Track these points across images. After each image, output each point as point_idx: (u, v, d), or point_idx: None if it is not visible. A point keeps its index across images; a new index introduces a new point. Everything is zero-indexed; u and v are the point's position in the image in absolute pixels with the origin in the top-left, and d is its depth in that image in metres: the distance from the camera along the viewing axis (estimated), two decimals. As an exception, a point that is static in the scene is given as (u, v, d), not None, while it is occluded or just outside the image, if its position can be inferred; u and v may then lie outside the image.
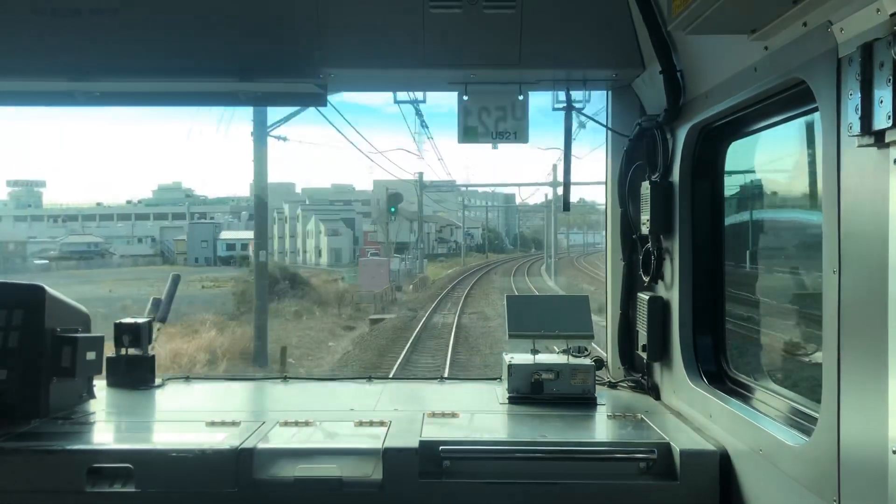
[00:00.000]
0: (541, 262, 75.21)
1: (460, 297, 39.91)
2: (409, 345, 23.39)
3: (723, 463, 3.13)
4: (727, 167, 3.69)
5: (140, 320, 4.56)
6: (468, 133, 4.20)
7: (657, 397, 4.07)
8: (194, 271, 73.20)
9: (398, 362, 20.60)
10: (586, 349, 4.23)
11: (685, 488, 3.15)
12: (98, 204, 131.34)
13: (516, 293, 4.49)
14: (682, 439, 3.29)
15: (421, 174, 62.70)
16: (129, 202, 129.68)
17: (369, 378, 4.66)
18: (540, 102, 4.61)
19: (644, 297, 4.01)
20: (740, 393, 3.40)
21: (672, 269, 3.80)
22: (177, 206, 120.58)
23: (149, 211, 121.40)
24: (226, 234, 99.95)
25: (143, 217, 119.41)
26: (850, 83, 2.09)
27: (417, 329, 27.00)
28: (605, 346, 4.69)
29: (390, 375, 15.37)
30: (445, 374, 4.85)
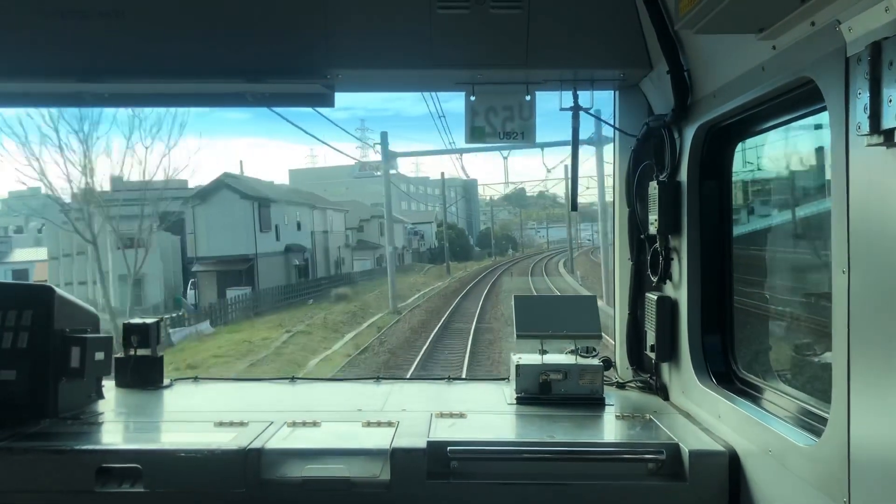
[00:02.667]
0: (543, 264, 67.18)
1: None
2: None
3: (732, 463, 3.12)
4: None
5: (149, 320, 4.59)
6: (475, 133, 4.20)
7: (666, 398, 4.06)
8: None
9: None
10: (594, 349, 4.22)
11: (694, 489, 3.14)
12: None
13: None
14: (691, 440, 3.28)
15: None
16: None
17: (377, 378, 4.67)
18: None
19: (652, 297, 4.00)
20: (749, 393, 3.39)
21: (680, 268, 3.79)
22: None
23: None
24: (19, 255, 59.24)
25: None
26: (858, 82, 2.08)
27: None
28: (612, 347, 4.68)
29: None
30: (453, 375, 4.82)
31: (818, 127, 3.08)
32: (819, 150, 3.28)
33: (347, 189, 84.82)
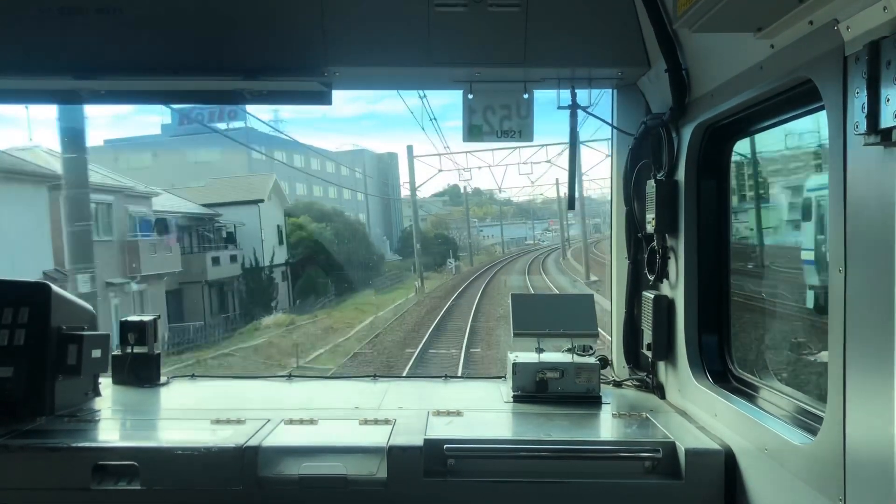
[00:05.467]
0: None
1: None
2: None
3: (728, 462, 3.13)
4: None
5: (146, 318, 4.58)
6: (473, 131, 4.20)
7: (662, 396, 4.07)
8: None
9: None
10: (591, 348, 4.23)
11: (690, 487, 3.14)
12: None
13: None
14: (688, 438, 3.29)
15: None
16: None
17: (374, 377, 4.67)
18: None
19: (649, 295, 4.01)
20: (745, 392, 3.40)
21: (677, 267, 3.79)
22: None
23: None
24: None
25: None
26: (856, 82, 2.08)
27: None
28: (610, 344, 4.68)
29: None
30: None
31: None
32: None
33: (156, 155, 58.46)
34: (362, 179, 70.34)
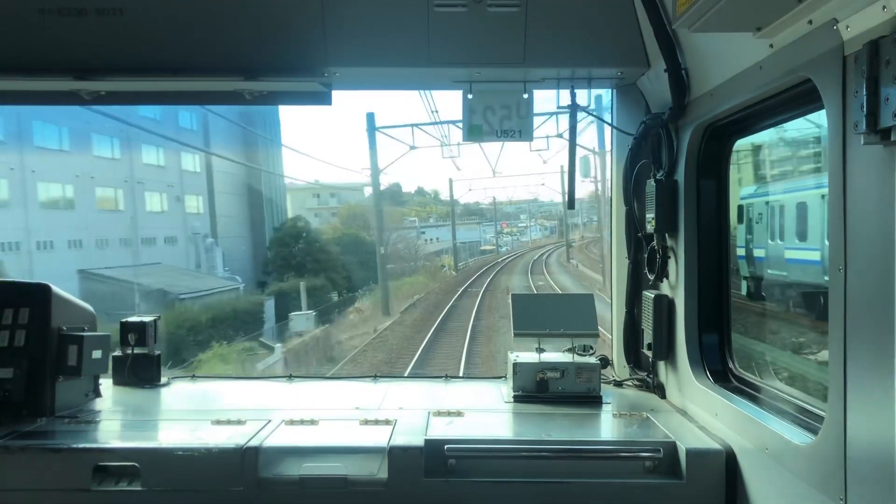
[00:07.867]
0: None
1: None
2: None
3: (728, 462, 3.13)
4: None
5: (146, 319, 4.59)
6: (473, 131, 4.20)
7: (662, 396, 4.07)
8: None
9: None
10: (592, 347, 4.23)
11: (691, 487, 3.14)
12: None
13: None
14: (688, 438, 3.29)
15: None
16: None
17: (374, 377, 4.67)
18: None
19: (649, 295, 4.01)
20: (746, 391, 3.40)
21: (677, 267, 3.79)
22: None
23: None
24: None
25: None
26: (855, 81, 2.08)
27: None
28: (610, 344, 4.69)
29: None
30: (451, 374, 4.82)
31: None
32: None
33: None
34: (197, 136, 39.54)
